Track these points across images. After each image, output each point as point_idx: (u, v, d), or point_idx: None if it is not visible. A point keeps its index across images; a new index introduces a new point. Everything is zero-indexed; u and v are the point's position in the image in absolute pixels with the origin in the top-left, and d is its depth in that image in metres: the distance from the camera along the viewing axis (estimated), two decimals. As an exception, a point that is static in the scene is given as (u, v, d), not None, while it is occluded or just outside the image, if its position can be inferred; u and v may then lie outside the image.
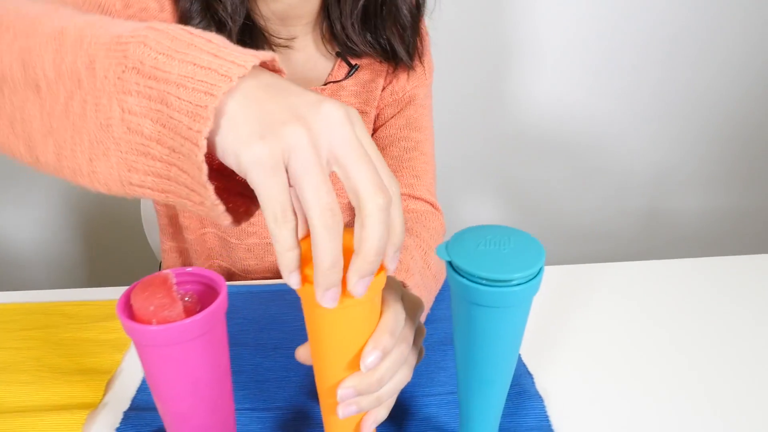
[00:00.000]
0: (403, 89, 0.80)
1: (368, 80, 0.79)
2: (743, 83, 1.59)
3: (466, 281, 0.39)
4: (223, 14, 0.65)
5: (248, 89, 0.32)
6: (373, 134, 0.83)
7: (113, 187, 0.35)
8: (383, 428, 0.53)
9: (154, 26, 0.34)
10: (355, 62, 0.77)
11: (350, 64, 0.76)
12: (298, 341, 0.65)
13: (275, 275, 0.87)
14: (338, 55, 0.76)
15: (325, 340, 0.41)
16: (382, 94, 0.80)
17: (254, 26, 0.69)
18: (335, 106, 0.33)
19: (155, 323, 0.36)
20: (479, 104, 1.55)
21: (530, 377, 0.60)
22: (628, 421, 0.55)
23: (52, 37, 0.35)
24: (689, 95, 1.59)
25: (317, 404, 0.57)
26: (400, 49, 0.75)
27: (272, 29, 0.72)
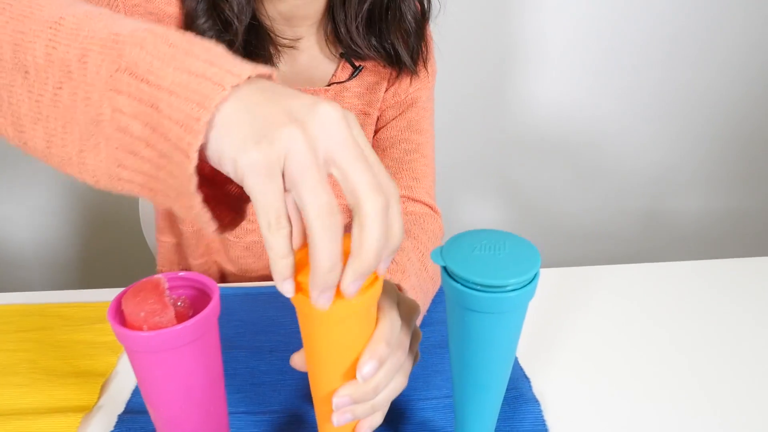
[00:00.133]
0: (405, 91, 0.80)
1: (371, 82, 0.79)
2: (743, 84, 1.59)
3: (460, 287, 0.38)
4: (229, 14, 0.65)
5: (243, 94, 0.32)
6: (374, 135, 0.83)
7: (102, 180, 0.35)
8: (378, 433, 0.53)
9: (154, 30, 0.33)
10: (358, 64, 0.77)
11: (354, 65, 0.76)
12: (294, 344, 0.65)
13: None
14: (342, 56, 0.76)
15: (320, 349, 0.41)
16: (384, 95, 0.80)
17: (260, 26, 0.69)
18: (332, 107, 0.32)
19: (146, 329, 0.36)
20: (479, 105, 1.55)
21: (527, 381, 0.59)
22: (626, 425, 0.55)
23: (48, 24, 0.35)
24: (689, 96, 1.59)
25: (312, 408, 0.57)
26: (404, 54, 0.75)
27: (278, 29, 0.72)
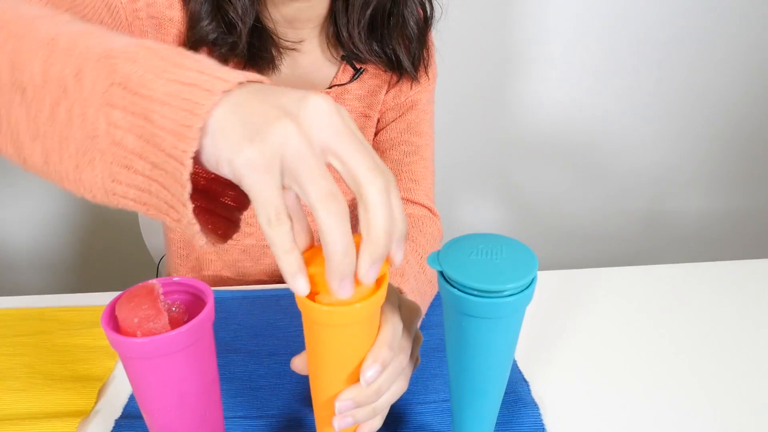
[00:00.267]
0: (405, 94, 0.80)
1: (372, 84, 0.79)
2: (743, 84, 1.58)
3: (457, 292, 0.38)
4: (233, 16, 0.65)
5: (233, 98, 0.32)
6: (374, 137, 0.83)
7: (98, 195, 0.35)
8: (377, 437, 0.53)
9: (146, 44, 0.34)
10: (359, 66, 0.77)
11: (355, 68, 0.76)
12: (292, 348, 0.65)
13: (271, 278, 0.86)
14: (343, 58, 0.76)
15: (324, 354, 0.41)
16: (384, 98, 0.80)
17: (263, 29, 0.69)
18: (322, 98, 0.32)
19: (140, 335, 0.35)
20: (479, 106, 1.55)
21: (526, 384, 0.59)
22: (626, 428, 0.55)
23: (44, 42, 0.35)
24: (689, 96, 1.58)
25: (311, 412, 0.56)
26: (405, 60, 0.75)
27: (280, 32, 0.72)
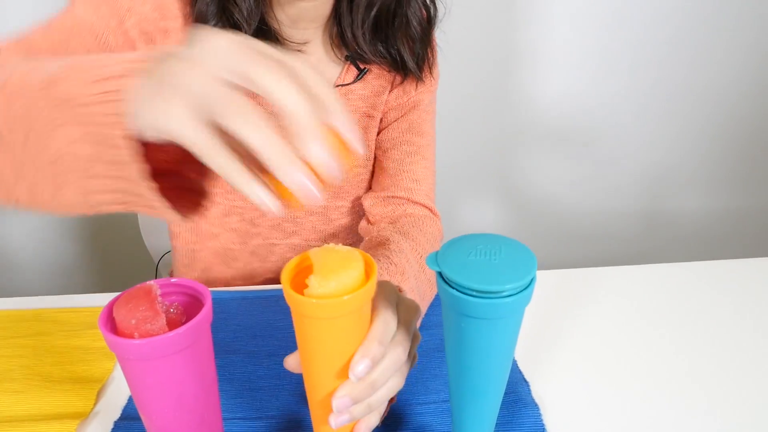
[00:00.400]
0: (408, 94, 0.80)
1: (376, 85, 0.79)
2: (743, 83, 1.58)
3: (456, 292, 0.38)
4: (238, 17, 0.66)
5: (143, 72, 0.33)
6: (376, 137, 0.83)
7: (85, 210, 0.37)
8: (376, 438, 0.53)
9: (72, 61, 0.36)
10: (363, 67, 0.77)
11: (359, 68, 0.77)
12: (291, 348, 0.64)
13: (277, 275, 0.86)
14: (347, 59, 0.76)
15: (315, 349, 0.41)
16: (387, 98, 0.80)
17: (268, 30, 0.70)
18: (222, 36, 0.33)
19: (137, 336, 0.35)
20: (479, 105, 1.54)
21: (526, 385, 0.59)
22: (626, 428, 0.54)
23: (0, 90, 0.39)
24: (689, 95, 1.58)
25: (309, 412, 0.56)
26: (409, 60, 0.75)
27: (285, 33, 0.72)
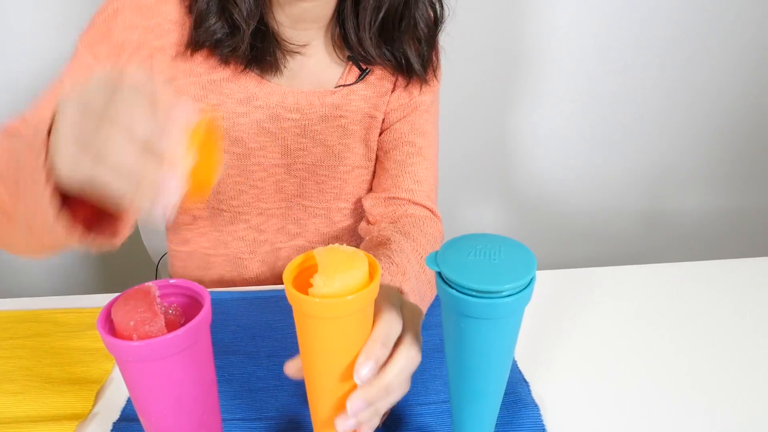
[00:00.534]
0: (410, 94, 0.80)
1: (378, 85, 0.79)
2: (742, 83, 1.57)
3: (455, 292, 0.38)
4: (237, 17, 0.66)
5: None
6: (378, 138, 0.82)
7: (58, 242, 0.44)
8: (376, 438, 0.52)
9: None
10: (365, 67, 0.77)
11: (361, 68, 0.76)
12: (291, 349, 0.64)
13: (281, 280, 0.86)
14: (350, 59, 0.76)
15: (317, 350, 0.41)
16: (389, 98, 0.80)
17: (267, 31, 0.70)
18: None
19: (136, 338, 0.35)
20: (478, 105, 1.54)
21: (526, 385, 0.59)
22: (626, 428, 0.54)
23: None
24: (688, 95, 1.58)
25: (309, 413, 0.56)
26: (416, 62, 0.75)
27: (285, 34, 0.72)
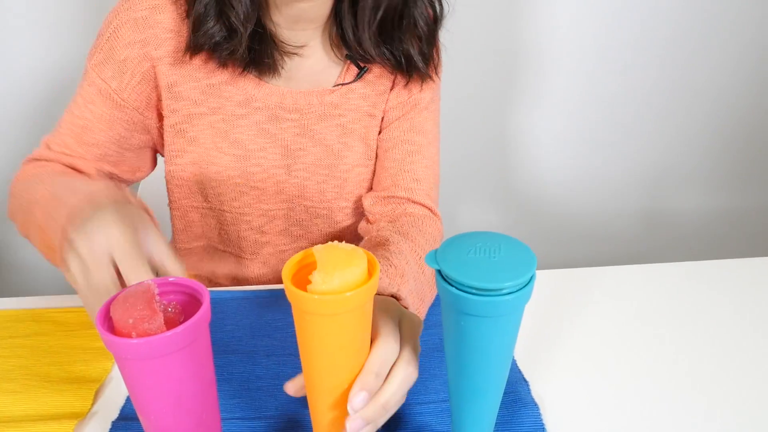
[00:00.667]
0: (409, 93, 0.80)
1: (377, 83, 0.79)
2: (742, 82, 1.58)
3: (455, 290, 0.38)
4: (234, 20, 0.66)
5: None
6: (377, 136, 0.82)
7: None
8: (376, 438, 0.52)
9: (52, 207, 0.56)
10: (364, 65, 0.76)
11: (360, 67, 0.76)
12: (290, 348, 0.64)
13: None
14: (348, 57, 0.76)
15: (316, 347, 0.40)
16: (388, 96, 0.80)
17: (264, 33, 0.70)
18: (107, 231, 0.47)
19: (135, 336, 0.35)
20: (478, 105, 1.54)
21: (526, 384, 0.59)
22: (626, 428, 0.54)
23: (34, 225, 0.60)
24: (688, 94, 1.58)
25: (308, 412, 0.56)
26: (418, 60, 0.75)
27: (283, 36, 0.72)
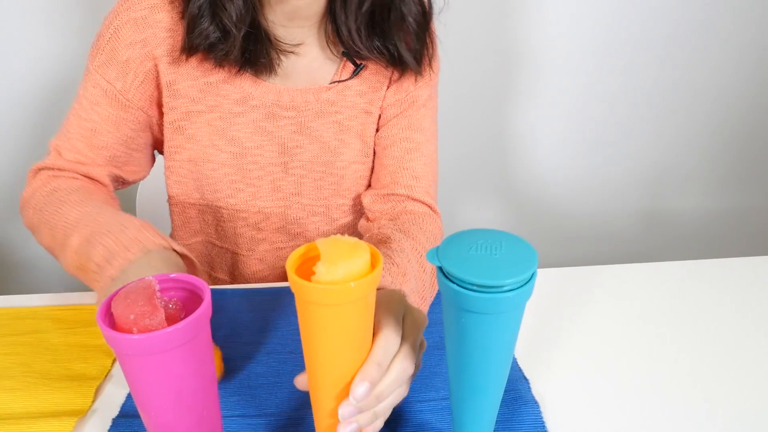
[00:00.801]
0: (406, 89, 0.79)
1: (374, 80, 0.78)
2: (742, 82, 1.57)
3: (456, 287, 0.38)
4: (227, 22, 0.66)
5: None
6: (375, 133, 0.82)
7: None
8: (377, 435, 0.52)
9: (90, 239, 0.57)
10: (360, 62, 0.76)
11: (356, 63, 0.76)
12: (290, 346, 0.64)
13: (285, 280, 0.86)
14: (344, 54, 0.76)
15: (319, 338, 0.40)
16: (385, 93, 0.80)
17: (260, 33, 0.70)
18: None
19: (136, 332, 0.35)
20: (478, 104, 1.54)
21: (526, 382, 0.59)
22: (626, 426, 0.54)
23: (67, 246, 0.60)
24: (688, 94, 1.58)
25: (310, 410, 0.56)
26: (406, 55, 0.75)
27: (279, 34, 0.72)
